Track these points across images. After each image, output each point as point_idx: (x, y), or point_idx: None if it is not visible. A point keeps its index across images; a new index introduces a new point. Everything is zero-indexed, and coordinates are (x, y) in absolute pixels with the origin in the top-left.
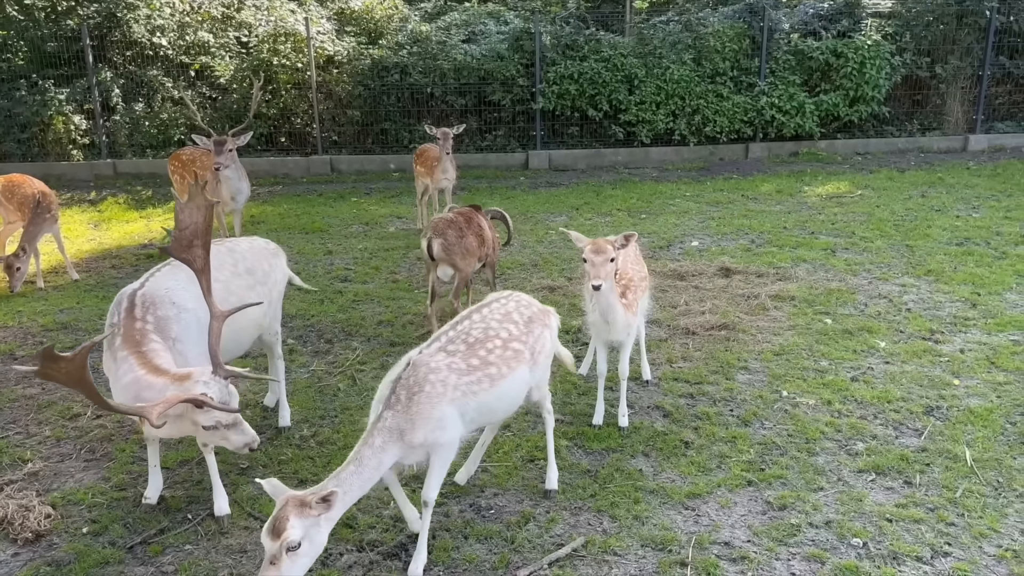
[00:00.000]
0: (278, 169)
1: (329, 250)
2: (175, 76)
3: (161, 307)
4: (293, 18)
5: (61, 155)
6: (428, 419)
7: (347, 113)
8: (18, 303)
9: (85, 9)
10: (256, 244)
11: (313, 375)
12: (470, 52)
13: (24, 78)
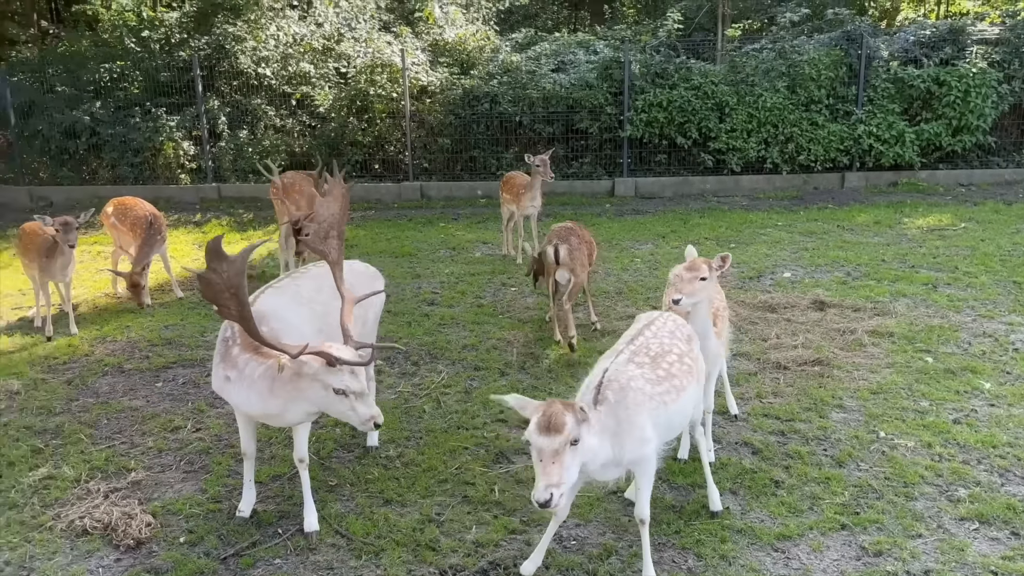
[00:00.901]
0: (371, 195)
1: (417, 274)
2: (277, 105)
3: (273, 320)
4: (390, 50)
5: (170, 179)
6: (633, 427)
7: (438, 141)
8: (126, 319)
9: (196, 41)
10: (358, 267)
11: (399, 396)
12: (559, 81)
13: (139, 106)
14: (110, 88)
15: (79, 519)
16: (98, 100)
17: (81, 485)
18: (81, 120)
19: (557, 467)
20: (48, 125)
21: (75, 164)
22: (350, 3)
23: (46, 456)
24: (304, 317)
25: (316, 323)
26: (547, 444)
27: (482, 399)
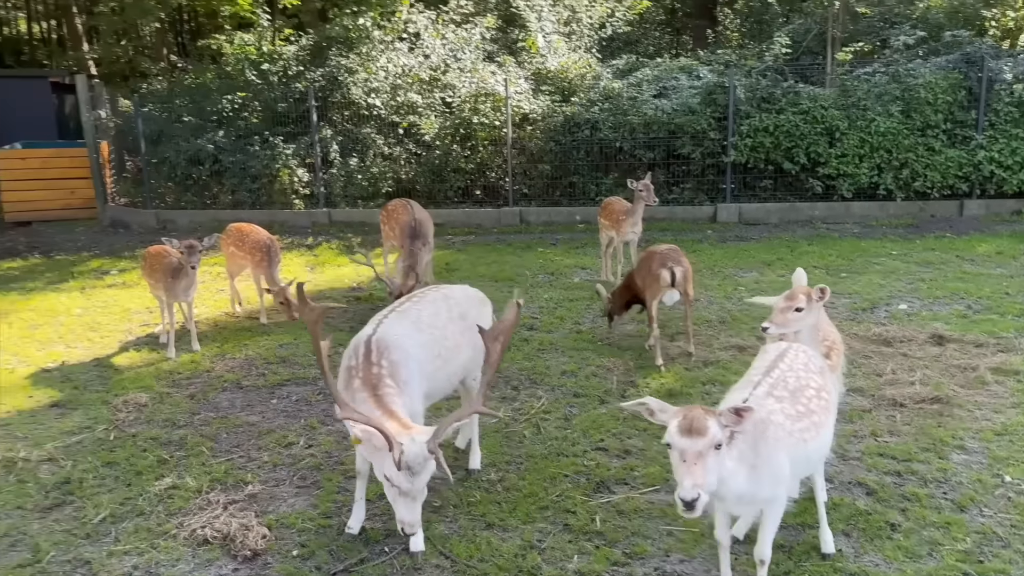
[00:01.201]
0: (471, 220)
1: None
2: (385, 133)
3: (393, 351)
4: (493, 79)
5: (285, 204)
6: (771, 463)
7: (538, 167)
8: (244, 337)
9: (312, 73)
10: (468, 292)
11: (500, 421)
12: (661, 107)
13: (258, 135)
14: (232, 118)
15: (200, 528)
16: (220, 129)
17: (202, 496)
18: (205, 148)
19: (701, 468)
20: (175, 153)
21: (198, 189)
22: (456, 35)
23: (171, 466)
24: (424, 344)
25: (435, 349)
26: (690, 445)
27: (582, 426)
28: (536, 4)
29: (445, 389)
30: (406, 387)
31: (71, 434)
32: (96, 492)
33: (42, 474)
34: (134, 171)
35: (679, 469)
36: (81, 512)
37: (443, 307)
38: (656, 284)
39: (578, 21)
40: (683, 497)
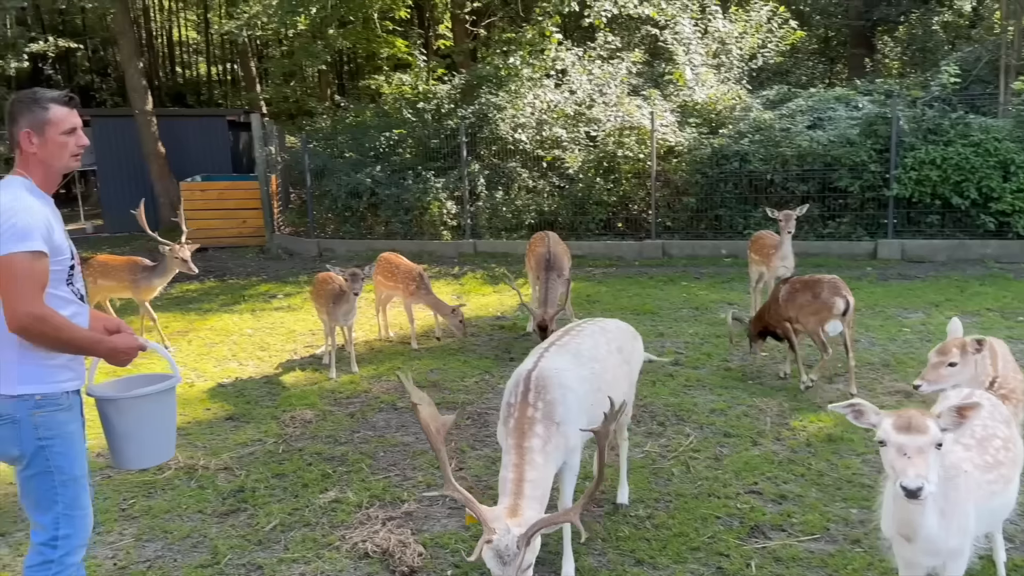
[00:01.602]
0: (612, 252)
1: (660, 332)
2: (530, 167)
3: (551, 390)
4: (639, 113)
5: (434, 235)
6: (958, 513)
7: (682, 200)
8: (398, 361)
9: (463, 111)
10: (621, 325)
11: (647, 456)
12: (816, 138)
13: (411, 170)
14: (388, 153)
15: (361, 542)
16: (378, 164)
17: (363, 511)
18: (363, 182)
19: (923, 460)
20: (336, 186)
21: (356, 220)
22: (602, 70)
23: (333, 481)
24: (584, 378)
25: (594, 383)
26: (910, 441)
27: (734, 467)
28: (684, 37)
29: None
30: (561, 427)
31: (244, 445)
32: (267, 501)
33: (219, 482)
34: (298, 203)
35: (898, 463)
36: (254, 519)
37: (601, 340)
38: (827, 312)
39: (727, 53)
40: (907, 486)
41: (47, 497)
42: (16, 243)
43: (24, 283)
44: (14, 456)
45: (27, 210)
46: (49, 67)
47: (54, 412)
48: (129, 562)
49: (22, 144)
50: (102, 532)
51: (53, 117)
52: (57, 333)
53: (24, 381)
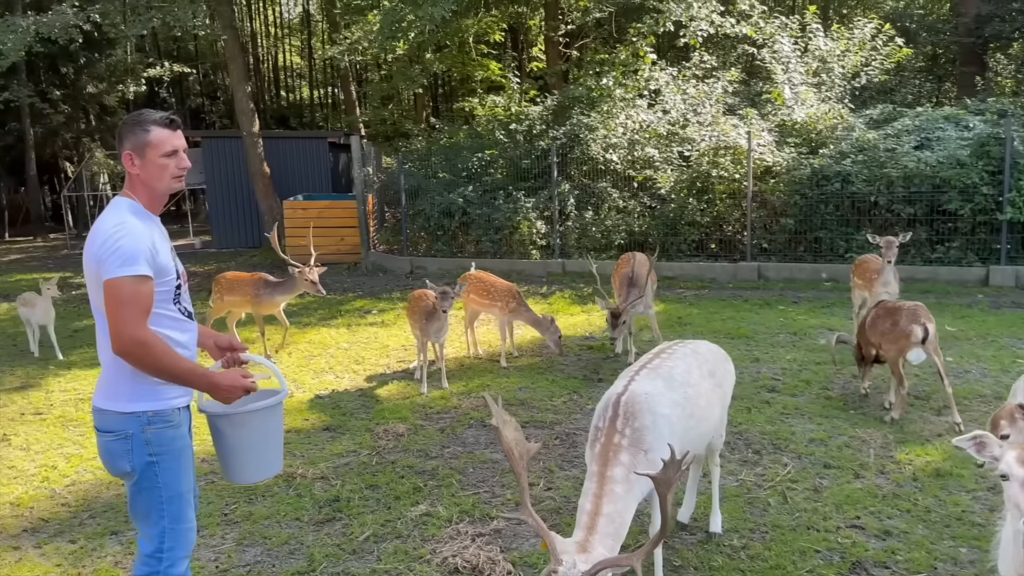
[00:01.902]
0: (705, 274)
1: (756, 358)
2: (621, 187)
3: (640, 416)
4: (735, 132)
5: (523, 254)
6: None
7: (780, 221)
8: (487, 378)
9: (554, 131)
10: (712, 348)
11: (742, 485)
12: (923, 159)
13: (502, 190)
14: (479, 174)
15: (451, 557)
16: (470, 184)
17: (453, 525)
18: (456, 202)
19: None
20: (429, 206)
21: (448, 239)
22: (697, 90)
23: (424, 494)
24: (676, 403)
25: (687, 408)
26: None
27: (834, 500)
28: (783, 56)
29: (698, 446)
30: (649, 454)
31: (340, 456)
32: (361, 512)
33: (316, 490)
34: (393, 222)
35: (1021, 498)
36: (348, 529)
37: (694, 363)
38: (905, 340)
39: (828, 71)
40: None
41: (153, 511)
42: (121, 267)
43: (128, 308)
44: (125, 471)
45: (132, 234)
46: (164, 91)
47: (164, 429)
48: (230, 565)
49: (126, 165)
50: (205, 535)
51: (154, 139)
52: (157, 361)
53: (136, 398)
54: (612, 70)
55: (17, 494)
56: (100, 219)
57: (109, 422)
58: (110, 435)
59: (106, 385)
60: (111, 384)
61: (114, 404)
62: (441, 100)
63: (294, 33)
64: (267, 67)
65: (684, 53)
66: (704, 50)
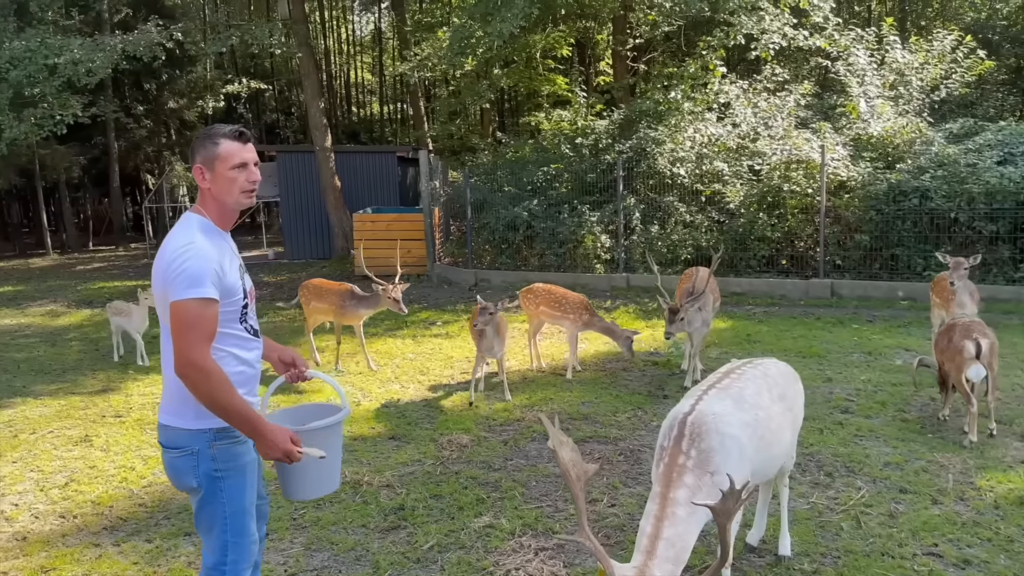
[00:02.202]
0: (775, 290)
1: (828, 377)
2: (688, 201)
3: (707, 438)
4: (808, 146)
5: (587, 268)
6: None
7: (854, 237)
8: (549, 392)
9: (621, 145)
10: (782, 367)
11: (813, 508)
12: (1007, 175)
13: (567, 203)
14: (544, 188)
15: (515, 570)
16: (535, 198)
17: (516, 538)
18: (520, 215)
19: None
20: (494, 219)
21: (512, 252)
22: (769, 103)
23: (487, 506)
24: (746, 424)
25: (757, 430)
26: None
27: (910, 526)
28: (858, 68)
29: (768, 471)
30: (715, 476)
31: (405, 465)
32: (425, 521)
33: (382, 498)
34: (458, 234)
35: None
36: (413, 537)
37: (764, 385)
38: (960, 357)
39: (906, 84)
40: None
41: (216, 525)
42: (187, 289)
43: (192, 331)
44: (192, 487)
45: (199, 255)
46: (242, 106)
47: (231, 445)
48: (298, 569)
49: (197, 179)
50: (275, 539)
51: (223, 152)
52: (212, 391)
53: (202, 415)
54: (680, 83)
55: (97, 493)
56: (170, 236)
57: (175, 438)
58: (176, 451)
59: (171, 402)
60: (176, 401)
61: (180, 421)
62: (507, 115)
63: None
64: (339, 83)
65: (755, 66)
66: (776, 63)
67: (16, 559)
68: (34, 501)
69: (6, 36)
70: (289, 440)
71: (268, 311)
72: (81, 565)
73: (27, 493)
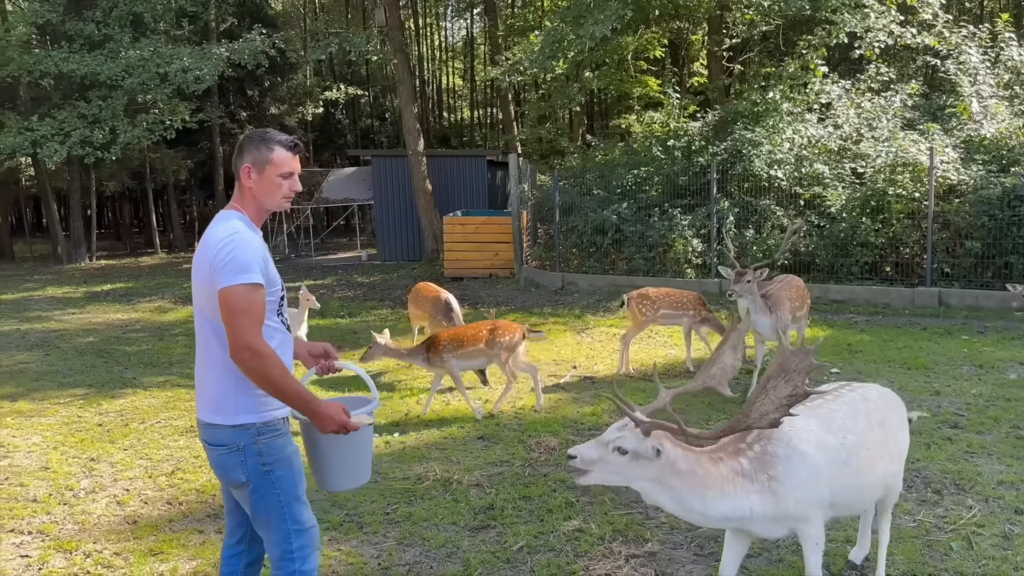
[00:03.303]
0: (879, 298)
1: (936, 390)
2: (785, 205)
3: (775, 444)
4: (915, 148)
5: (677, 272)
6: None
7: (964, 244)
8: (639, 397)
9: (715, 147)
10: (884, 393)
11: (920, 526)
12: None
13: (657, 207)
14: (634, 191)
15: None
16: (624, 201)
17: (605, 544)
18: (609, 218)
19: None
20: (583, 222)
21: (599, 256)
22: (873, 103)
23: (576, 510)
24: (827, 446)
25: (842, 455)
26: None
27: None
28: (970, 67)
29: (856, 506)
30: (773, 482)
31: (494, 464)
32: (515, 521)
33: (472, 497)
34: (545, 238)
35: None
36: (503, 537)
37: (862, 409)
38: None
39: (1023, 83)
40: None
41: (274, 517)
42: (237, 275)
43: (244, 316)
44: (241, 482)
45: (245, 243)
46: (339, 112)
47: (274, 438)
48: (391, 563)
49: (241, 178)
50: (368, 532)
51: (276, 158)
52: (268, 373)
53: (240, 411)
54: (779, 84)
55: (202, 482)
56: (211, 230)
57: (220, 436)
58: (222, 448)
59: (209, 399)
60: (216, 398)
61: (222, 418)
62: (597, 118)
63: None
64: (432, 89)
65: (858, 65)
66: (881, 62)
67: (127, 541)
68: (143, 487)
69: (122, 46)
70: (343, 412)
71: (361, 311)
72: (187, 550)
73: (137, 479)
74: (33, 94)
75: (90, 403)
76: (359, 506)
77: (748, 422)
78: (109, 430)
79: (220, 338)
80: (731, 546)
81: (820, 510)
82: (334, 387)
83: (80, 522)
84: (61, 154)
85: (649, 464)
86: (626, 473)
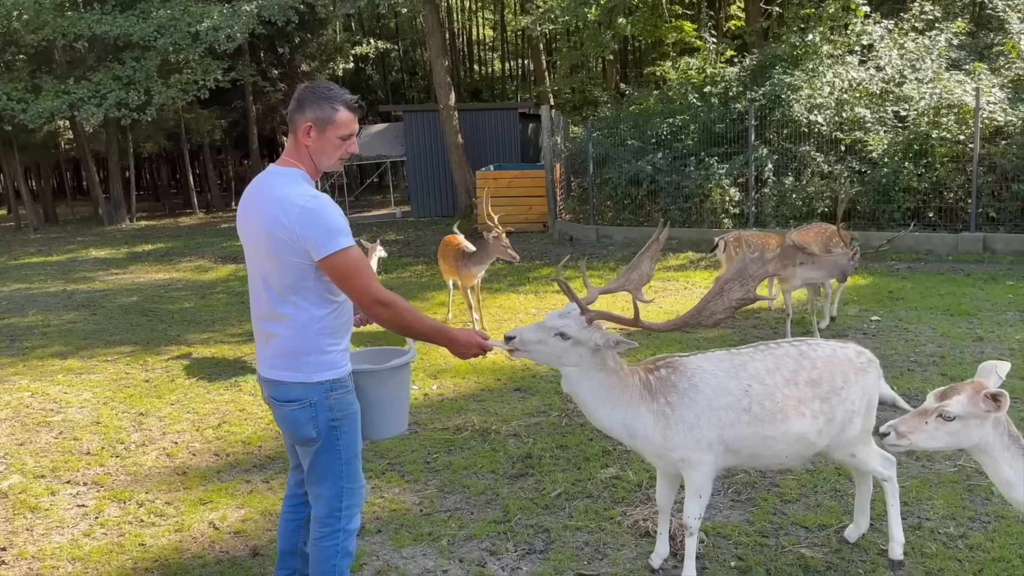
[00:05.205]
0: (921, 245)
1: (979, 336)
2: (826, 151)
3: (677, 374)
4: (960, 89)
5: (713, 223)
6: None
7: (1011, 187)
8: (674, 348)
9: (752, 93)
10: (839, 354)
11: (960, 471)
12: None
13: (693, 156)
14: (669, 140)
15: (642, 520)
16: (659, 151)
17: (642, 490)
18: (644, 169)
19: None
20: (617, 174)
21: (634, 208)
22: (916, 44)
23: (613, 458)
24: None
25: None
26: None
27: None
28: (1019, 3)
29: (766, 457)
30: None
31: (531, 415)
32: (552, 470)
33: (510, 446)
34: (579, 190)
35: None
36: (541, 485)
37: (789, 364)
38: None
39: None
40: None
41: (332, 473)
42: (342, 238)
43: (363, 273)
44: (311, 437)
45: (332, 206)
46: (370, 67)
47: (344, 394)
48: (433, 510)
49: (299, 135)
50: (410, 480)
51: (339, 119)
52: (403, 319)
53: (321, 368)
54: (819, 25)
55: (247, 434)
56: (278, 187)
57: (289, 392)
58: (293, 404)
59: (280, 356)
60: (288, 355)
61: (296, 375)
62: (631, 66)
63: (487, 6)
64: (462, 41)
65: (901, 4)
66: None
67: (178, 491)
68: (191, 440)
69: (153, 6)
70: (479, 335)
71: (396, 267)
72: (235, 499)
73: (184, 432)
74: (68, 57)
75: (136, 360)
76: (400, 455)
77: (699, 319)
78: (156, 386)
79: (305, 295)
80: (663, 475)
81: (709, 454)
82: (363, 342)
83: (132, 473)
84: (98, 116)
85: (584, 353)
86: (562, 357)
